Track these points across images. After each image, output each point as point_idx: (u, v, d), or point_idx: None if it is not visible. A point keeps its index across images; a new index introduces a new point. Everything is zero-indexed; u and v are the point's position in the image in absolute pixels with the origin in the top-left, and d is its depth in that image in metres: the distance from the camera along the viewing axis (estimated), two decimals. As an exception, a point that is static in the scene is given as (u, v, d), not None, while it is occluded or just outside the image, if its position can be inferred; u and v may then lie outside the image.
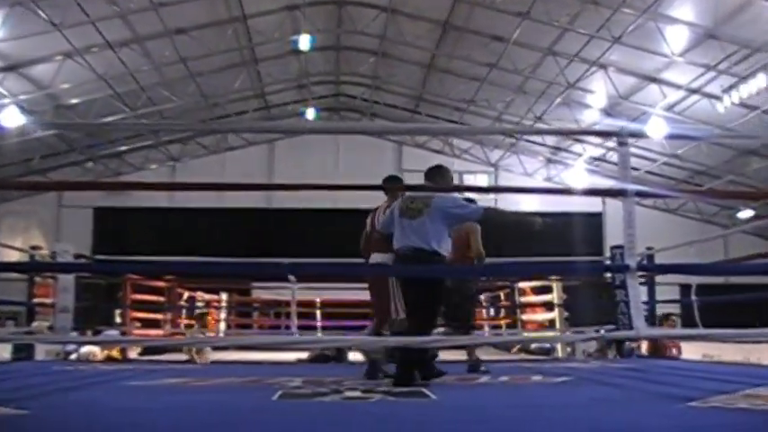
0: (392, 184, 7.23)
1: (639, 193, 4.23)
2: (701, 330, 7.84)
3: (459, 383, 6.19)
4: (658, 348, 11.67)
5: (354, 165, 25.50)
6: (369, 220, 7.26)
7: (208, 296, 14.76)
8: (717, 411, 3.94)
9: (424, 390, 5.29)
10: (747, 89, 17.75)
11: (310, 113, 25.71)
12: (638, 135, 16.31)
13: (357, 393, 5.08)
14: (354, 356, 10.58)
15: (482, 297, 15.98)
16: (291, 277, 11.20)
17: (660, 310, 13.18)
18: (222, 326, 14.38)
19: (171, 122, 22.15)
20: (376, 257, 6.80)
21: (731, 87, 18.26)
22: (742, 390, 4.82)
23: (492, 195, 26.90)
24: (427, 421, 3.96)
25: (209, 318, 13.49)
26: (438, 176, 6.47)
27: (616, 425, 3.66)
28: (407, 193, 6.53)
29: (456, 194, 6.45)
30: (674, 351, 11.59)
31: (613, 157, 25.09)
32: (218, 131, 25.61)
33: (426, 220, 5.99)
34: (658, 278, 10.96)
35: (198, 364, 9.72)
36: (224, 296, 14.99)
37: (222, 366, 9.20)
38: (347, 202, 23.09)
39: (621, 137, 3.99)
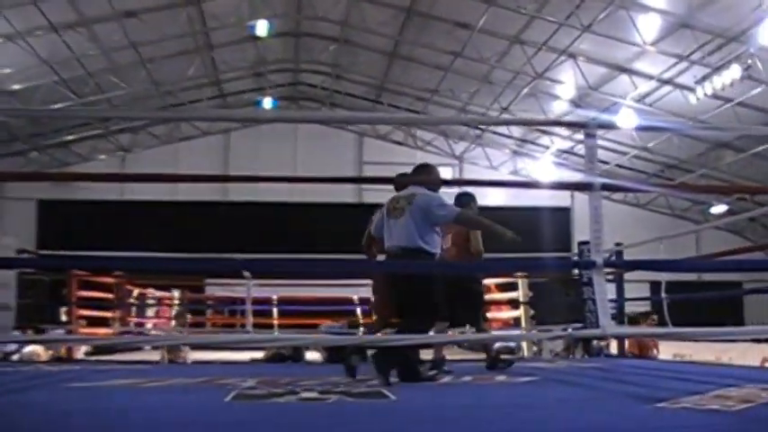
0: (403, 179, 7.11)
1: (606, 187, 4.26)
2: (668, 329, 7.92)
3: (420, 383, 6.20)
4: (642, 348, 11.85)
5: (313, 156, 25.48)
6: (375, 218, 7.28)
7: (159, 293, 14.67)
8: (686, 412, 3.97)
9: (384, 390, 5.30)
10: (721, 80, 17.90)
11: (267, 103, 25.51)
12: (607, 126, 16.49)
13: (314, 394, 5.07)
14: (312, 356, 10.59)
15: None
16: (246, 273, 11.14)
17: (637, 308, 13.39)
18: (173, 324, 14.30)
19: (121, 110, 21.87)
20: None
21: (704, 78, 18.43)
22: (712, 390, 4.87)
23: (456, 188, 27.01)
24: (384, 422, 3.96)
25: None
26: (425, 174, 6.81)
27: (581, 426, 3.68)
28: (395, 193, 6.71)
29: (439, 194, 6.59)
30: (655, 351, 11.76)
31: (582, 149, 25.21)
32: (170, 120, 25.45)
33: (409, 219, 6.28)
34: (630, 275, 11.05)
35: (165, 365, 9.71)
36: (176, 293, 14.89)
37: (176, 367, 9.15)
38: (305, 196, 23.17)
39: (589, 128, 4.01)
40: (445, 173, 27.61)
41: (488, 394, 5.56)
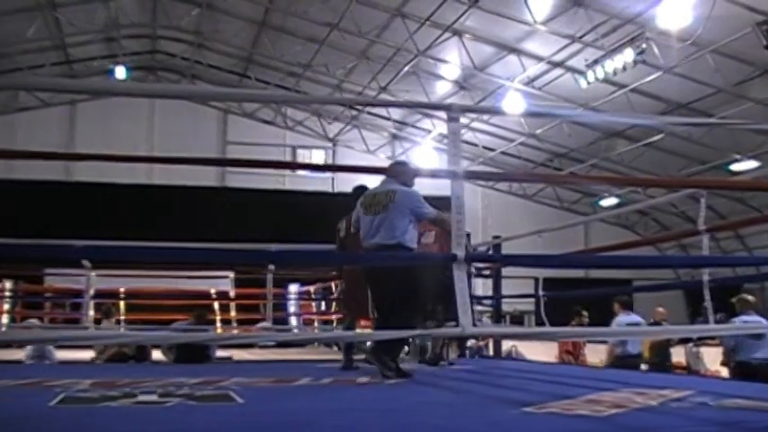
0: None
1: (470, 174, 4.35)
2: (532, 329, 8.15)
3: (274, 385, 6.22)
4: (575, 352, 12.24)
5: (172, 134, 25.23)
6: (344, 225, 7.97)
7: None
8: (552, 417, 4.09)
9: (231, 393, 5.30)
10: (613, 65, 18.42)
11: (120, 72, 24.87)
12: (471, 110, 16.78)
13: (153, 397, 5.03)
14: (158, 355, 10.47)
15: (312, 289, 16.14)
16: (86, 263, 10.92)
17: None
18: (5, 319, 13.96)
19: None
20: None
21: (596, 62, 18.93)
22: (585, 394, 5.03)
23: (328, 174, 27.10)
24: (222, 428, 3.95)
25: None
26: (401, 173, 7.09)
27: (430, 430, 3.75)
28: (369, 191, 7.12)
29: (418, 191, 6.94)
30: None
31: (467, 134, 25.69)
32: (6, 88, 24.64)
33: (390, 215, 6.67)
34: (515, 272, 11.30)
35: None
36: (8, 284, 14.53)
37: (2, 367, 8.91)
38: (164, 177, 22.84)
39: (452, 111, 4.07)
40: (317, 156, 27.71)
41: (346, 397, 5.60)
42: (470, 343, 10.94)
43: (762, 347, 9.60)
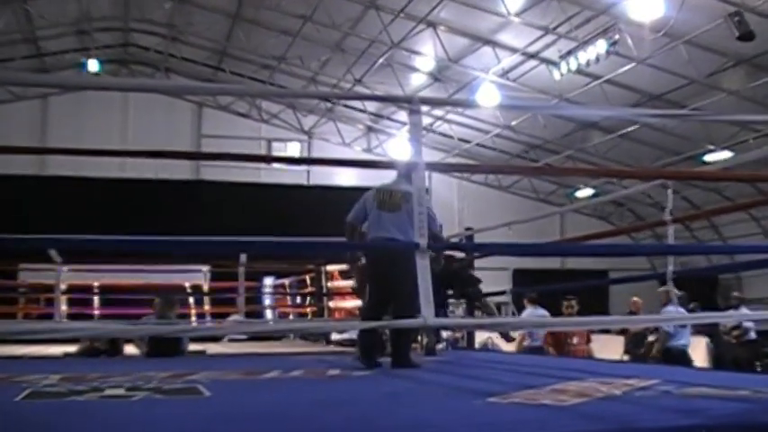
0: None
1: (431, 167, 4.39)
2: (494, 319, 8.25)
3: (243, 378, 6.25)
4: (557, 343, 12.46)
5: (147, 128, 25.12)
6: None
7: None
8: (514, 407, 4.11)
9: (199, 386, 5.32)
10: (587, 56, 18.53)
11: (93, 65, 24.60)
12: (432, 103, 16.89)
13: (120, 391, 5.04)
14: (131, 350, 10.46)
15: (287, 282, 16.16)
16: (56, 257, 10.91)
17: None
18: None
19: None
20: None
21: (569, 53, 19.03)
22: (551, 384, 5.07)
23: (304, 166, 27.12)
24: (187, 421, 3.97)
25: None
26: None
27: (402, 423, 3.77)
28: (382, 185, 7.36)
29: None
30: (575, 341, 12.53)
31: (442, 126, 25.77)
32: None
33: (404, 215, 6.83)
34: (491, 263, 11.41)
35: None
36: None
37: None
38: (138, 171, 22.73)
39: (413, 104, 4.10)
40: (293, 149, 27.69)
41: (314, 389, 5.63)
42: (446, 335, 11.02)
43: (684, 336, 11.20)
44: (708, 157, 22.83)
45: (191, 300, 15.77)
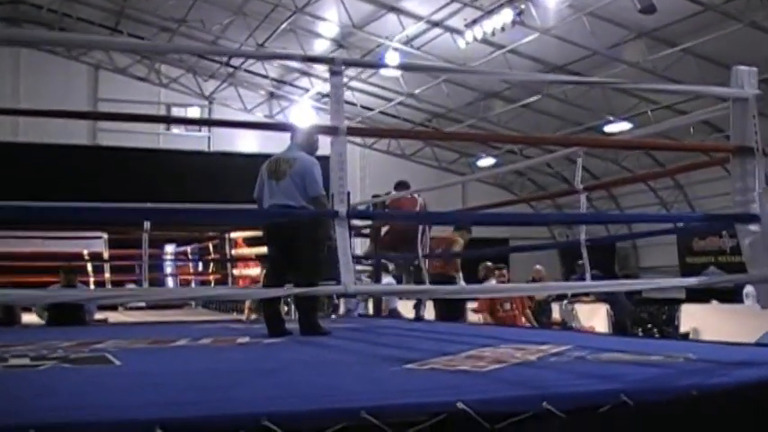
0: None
1: (352, 131, 4.36)
2: (409, 287, 8.36)
3: (151, 346, 6.17)
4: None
5: (40, 90, 24.49)
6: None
7: None
8: (434, 373, 4.13)
9: (108, 355, 5.23)
10: (492, 25, 18.67)
11: (-20, 23, 24.02)
12: (355, 64, 16.90)
13: (25, 361, 4.93)
14: (29, 319, 10.25)
15: (189, 249, 16.00)
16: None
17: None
18: None
19: None
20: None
21: (474, 22, 19.14)
22: (466, 351, 5.11)
23: (204, 132, 26.85)
24: (95, 389, 3.89)
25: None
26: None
27: (318, 392, 3.73)
28: (274, 156, 7.43)
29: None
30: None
31: (345, 93, 25.63)
32: None
33: (290, 182, 7.04)
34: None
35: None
36: None
37: None
38: (32, 135, 22.17)
39: (335, 65, 4.05)
40: (193, 114, 27.36)
41: (224, 357, 5.60)
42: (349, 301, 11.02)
43: None
44: (608, 128, 23.28)
45: (89, 267, 15.53)
